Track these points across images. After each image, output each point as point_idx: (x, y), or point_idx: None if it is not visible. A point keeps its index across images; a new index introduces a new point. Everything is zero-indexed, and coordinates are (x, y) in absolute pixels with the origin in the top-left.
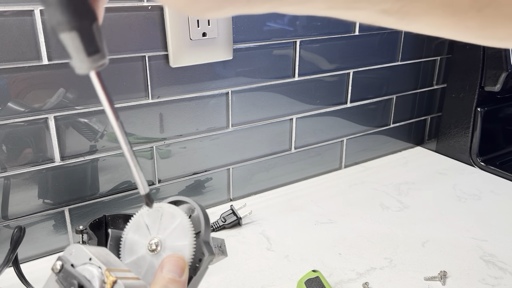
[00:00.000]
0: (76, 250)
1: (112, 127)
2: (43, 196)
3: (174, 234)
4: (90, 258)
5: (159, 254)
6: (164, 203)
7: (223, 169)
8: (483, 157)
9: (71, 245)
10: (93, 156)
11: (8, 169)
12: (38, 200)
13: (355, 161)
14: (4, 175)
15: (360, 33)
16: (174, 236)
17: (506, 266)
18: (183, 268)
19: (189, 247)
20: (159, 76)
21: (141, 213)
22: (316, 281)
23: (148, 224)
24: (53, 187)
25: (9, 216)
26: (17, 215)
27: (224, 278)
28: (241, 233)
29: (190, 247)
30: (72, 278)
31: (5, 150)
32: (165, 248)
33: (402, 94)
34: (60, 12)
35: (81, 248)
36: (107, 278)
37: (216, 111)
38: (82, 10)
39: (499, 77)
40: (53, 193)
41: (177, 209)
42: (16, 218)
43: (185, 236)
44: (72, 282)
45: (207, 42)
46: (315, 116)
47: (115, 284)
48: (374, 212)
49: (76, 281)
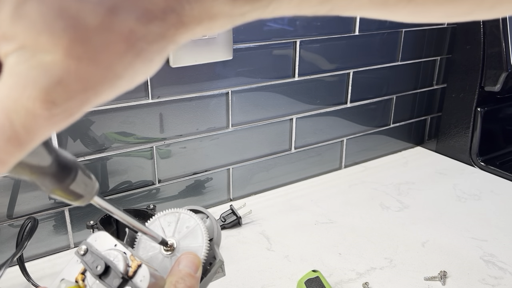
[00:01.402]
0: (101, 237)
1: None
2: (43, 196)
3: (190, 237)
4: (116, 244)
5: (173, 254)
6: (181, 209)
7: (223, 169)
8: (483, 157)
9: (96, 233)
10: (93, 156)
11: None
12: (38, 200)
13: (355, 161)
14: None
15: (360, 33)
16: (189, 238)
17: (506, 266)
18: (197, 265)
19: (203, 249)
20: (159, 76)
21: (158, 216)
22: (316, 281)
23: (164, 226)
24: None
25: (12, 215)
26: (17, 214)
27: (224, 278)
28: (241, 233)
29: (203, 249)
30: (98, 259)
31: None
32: (179, 249)
33: (402, 94)
34: (53, 181)
35: (107, 235)
36: (132, 262)
37: (216, 111)
38: (66, 167)
39: (499, 77)
40: None
41: (193, 215)
42: (16, 218)
43: (199, 239)
44: (99, 262)
45: (207, 42)
46: (315, 116)
47: (140, 268)
48: (374, 212)
49: (103, 260)
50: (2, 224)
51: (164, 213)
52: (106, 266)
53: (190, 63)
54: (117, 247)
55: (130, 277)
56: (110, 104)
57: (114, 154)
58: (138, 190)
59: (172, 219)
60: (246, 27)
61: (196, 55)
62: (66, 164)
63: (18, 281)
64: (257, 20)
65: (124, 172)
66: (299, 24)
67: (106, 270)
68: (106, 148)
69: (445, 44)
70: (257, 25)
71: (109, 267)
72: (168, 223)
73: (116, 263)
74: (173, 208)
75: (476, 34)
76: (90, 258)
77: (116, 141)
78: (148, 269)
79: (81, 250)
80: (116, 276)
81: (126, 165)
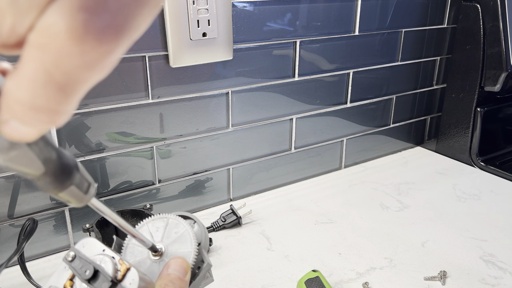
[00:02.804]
0: (89, 243)
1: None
2: (43, 196)
3: (178, 242)
4: (104, 249)
5: (161, 260)
6: (169, 214)
7: (223, 169)
8: (483, 157)
9: (84, 239)
10: (93, 156)
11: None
12: (38, 200)
13: (355, 161)
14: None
15: (360, 33)
16: (177, 244)
17: (506, 266)
18: (186, 269)
19: (191, 253)
20: (159, 76)
21: (147, 221)
22: (316, 281)
23: (152, 231)
24: None
25: (13, 215)
26: (18, 214)
27: (224, 278)
28: (241, 233)
29: (192, 253)
30: (86, 264)
31: None
32: (167, 254)
33: (402, 94)
34: (53, 180)
35: (95, 241)
36: (121, 266)
37: (216, 111)
38: (67, 165)
39: (499, 77)
40: None
41: (182, 220)
42: (16, 217)
43: (188, 244)
44: (88, 267)
45: (207, 42)
46: (315, 116)
47: (129, 271)
48: (374, 212)
49: (92, 265)
50: (2, 224)
51: (152, 219)
52: (95, 271)
53: (190, 63)
54: (106, 252)
55: (119, 280)
56: (110, 104)
57: (114, 154)
58: (138, 190)
59: (160, 224)
60: (246, 27)
61: (196, 55)
62: (68, 164)
63: (18, 281)
64: (257, 20)
65: (124, 172)
66: (299, 24)
67: (95, 274)
68: (106, 148)
69: (445, 44)
70: (257, 25)
71: (98, 271)
72: (157, 228)
73: (104, 267)
74: (161, 213)
75: (476, 34)
76: (78, 263)
77: (116, 141)
78: (138, 273)
79: (68, 257)
80: (105, 280)
81: (126, 165)
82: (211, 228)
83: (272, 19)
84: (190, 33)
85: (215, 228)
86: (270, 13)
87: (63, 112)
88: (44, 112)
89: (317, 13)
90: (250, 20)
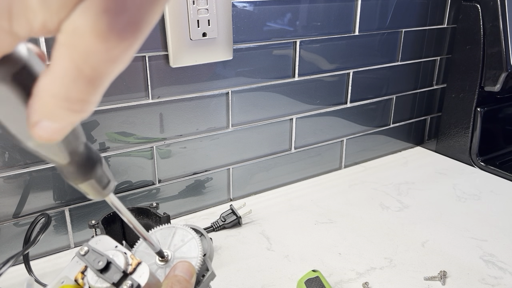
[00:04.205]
0: (103, 239)
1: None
2: (43, 196)
3: (184, 249)
4: (116, 246)
5: (167, 266)
6: (177, 224)
7: (223, 169)
8: (483, 157)
9: (98, 236)
10: None
11: (10, 169)
12: (38, 200)
13: (355, 161)
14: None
15: (360, 33)
16: (183, 250)
17: (506, 266)
18: (192, 272)
19: (197, 260)
20: (159, 76)
21: (155, 230)
22: (316, 281)
23: (160, 240)
24: (54, 187)
25: (19, 214)
26: (18, 214)
27: (224, 278)
28: (241, 233)
29: (198, 260)
30: (99, 257)
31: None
32: (173, 260)
33: (402, 94)
34: (76, 170)
35: (108, 238)
36: (132, 260)
37: (216, 111)
38: (91, 159)
39: (499, 77)
40: (54, 193)
41: (189, 229)
42: (16, 217)
43: (193, 251)
44: (101, 258)
45: (207, 42)
46: (315, 116)
47: (139, 265)
48: (374, 212)
49: (104, 257)
50: (2, 224)
51: (160, 228)
52: (107, 262)
53: (190, 63)
54: (118, 248)
55: (130, 273)
56: (110, 104)
57: (114, 154)
58: (138, 190)
59: (168, 233)
60: (246, 27)
61: (196, 55)
62: (92, 158)
63: (18, 281)
64: (257, 20)
65: (124, 172)
66: (299, 24)
67: (106, 266)
68: (106, 148)
69: (445, 44)
70: (257, 25)
71: (110, 263)
72: (164, 237)
73: (116, 261)
74: (169, 223)
75: (476, 34)
76: (91, 256)
77: (116, 141)
78: (148, 267)
79: (82, 251)
80: (116, 271)
81: (126, 165)
82: (211, 228)
83: (272, 19)
84: (190, 33)
85: (215, 228)
86: (270, 13)
87: (92, 102)
88: (77, 102)
89: (317, 13)
90: (250, 20)
